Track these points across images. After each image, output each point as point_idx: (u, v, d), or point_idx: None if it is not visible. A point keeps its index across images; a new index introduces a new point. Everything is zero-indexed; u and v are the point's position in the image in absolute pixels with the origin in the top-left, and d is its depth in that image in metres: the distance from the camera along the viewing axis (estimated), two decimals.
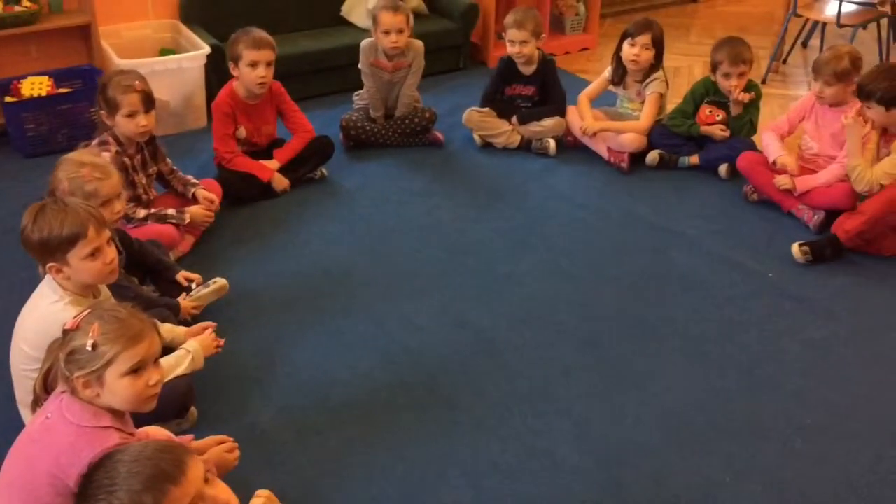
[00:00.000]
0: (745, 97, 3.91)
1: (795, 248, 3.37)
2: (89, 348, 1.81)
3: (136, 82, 3.15)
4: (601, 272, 3.33)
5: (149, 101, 3.17)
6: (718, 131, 4.00)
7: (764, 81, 5.11)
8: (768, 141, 3.79)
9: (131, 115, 3.12)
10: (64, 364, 1.84)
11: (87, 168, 2.58)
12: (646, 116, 4.13)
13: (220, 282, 3.00)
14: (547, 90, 4.28)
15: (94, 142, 3.17)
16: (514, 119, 4.26)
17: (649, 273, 3.32)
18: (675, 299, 3.16)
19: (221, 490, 1.53)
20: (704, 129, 4.03)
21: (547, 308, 3.11)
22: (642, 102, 4.16)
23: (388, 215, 3.70)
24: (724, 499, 2.28)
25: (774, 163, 3.70)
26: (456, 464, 2.40)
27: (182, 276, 2.98)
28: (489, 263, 3.38)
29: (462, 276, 3.30)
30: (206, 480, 1.51)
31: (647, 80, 4.12)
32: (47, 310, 2.25)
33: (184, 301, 2.86)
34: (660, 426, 2.55)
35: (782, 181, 3.63)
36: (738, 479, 2.35)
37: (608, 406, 2.63)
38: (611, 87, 4.30)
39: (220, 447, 2.10)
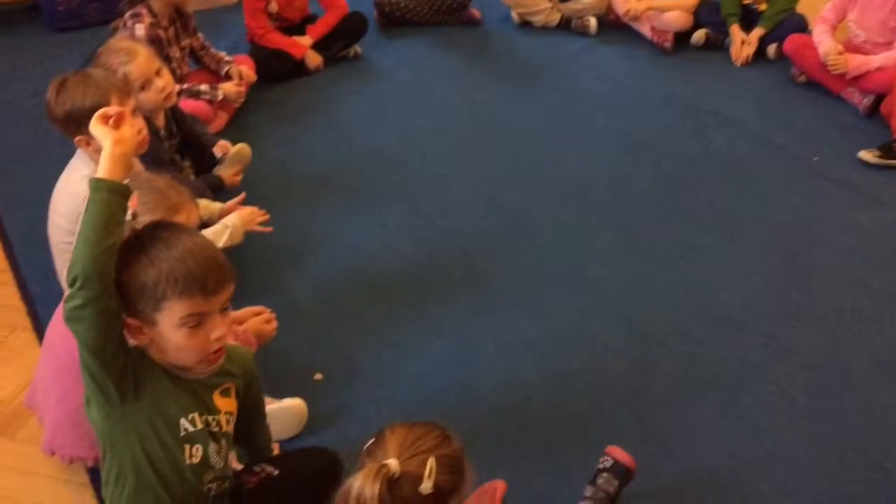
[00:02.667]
0: None
1: (864, 153, 3.23)
2: (129, 218, 1.81)
3: None
4: (640, 154, 3.26)
5: None
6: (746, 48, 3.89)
7: None
8: (819, 37, 3.61)
9: None
10: None
11: (112, 55, 2.53)
12: None
13: (238, 145, 2.95)
14: None
15: (127, 15, 3.10)
16: None
17: (689, 155, 3.24)
18: (715, 182, 3.09)
19: (226, 323, 1.50)
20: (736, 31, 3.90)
21: (583, 190, 3.06)
22: None
23: (422, 95, 3.63)
24: (760, 380, 2.28)
25: (826, 57, 3.53)
26: (491, 341, 2.41)
27: (219, 146, 2.95)
28: (525, 145, 3.32)
29: (497, 156, 3.25)
30: (224, 310, 1.50)
31: None
32: (79, 184, 2.25)
33: (223, 173, 2.85)
34: (695, 307, 2.53)
35: (833, 60, 3.48)
36: (775, 361, 2.34)
37: (644, 286, 2.62)
38: None
39: (258, 318, 2.12)
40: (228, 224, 2.44)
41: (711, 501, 1.95)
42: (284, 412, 2.07)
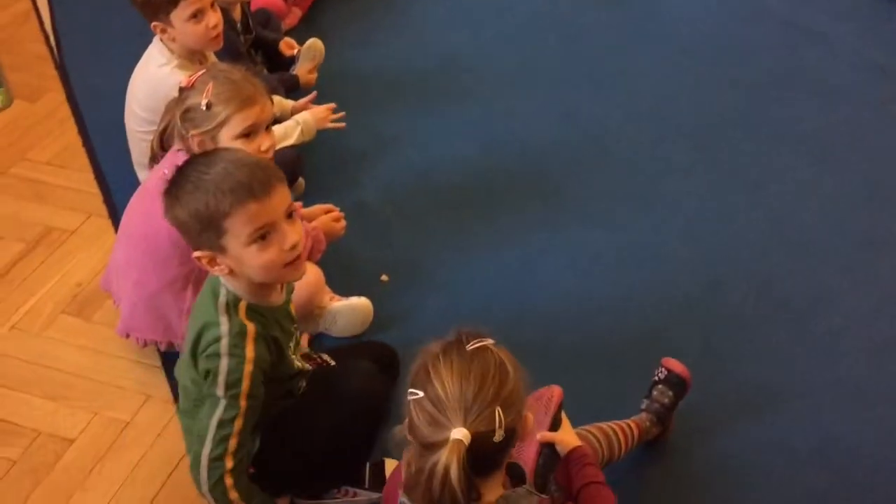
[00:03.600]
0: None
1: None
2: (204, 107, 1.81)
3: None
4: (723, 70, 3.12)
5: None
6: None
7: None
8: None
9: None
10: (180, 122, 1.84)
11: None
12: None
13: (309, 40, 2.90)
14: None
15: None
16: None
17: (776, 72, 3.10)
18: (802, 101, 2.96)
19: (295, 229, 1.51)
20: None
21: (662, 105, 2.96)
22: None
23: (499, 0, 3.52)
24: (837, 307, 2.21)
25: None
26: (559, 252, 2.38)
27: (285, 43, 2.92)
28: (604, 56, 3.21)
29: (575, 66, 3.15)
30: (290, 216, 1.50)
31: None
32: (156, 72, 2.26)
33: (300, 72, 2.82)
34: (774, 229, 2.46)
35: None
36: (854, 289, 2.26)
37: (720, 205, 2.54)
38: None
39: (328, 216, 2.13)
40: (300, 121, 2.42)
41: (772, 422, 1.92)
42: (351, 310, 2.09)
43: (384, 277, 2.28)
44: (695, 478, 1.82)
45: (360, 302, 2.12)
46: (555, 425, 1.58)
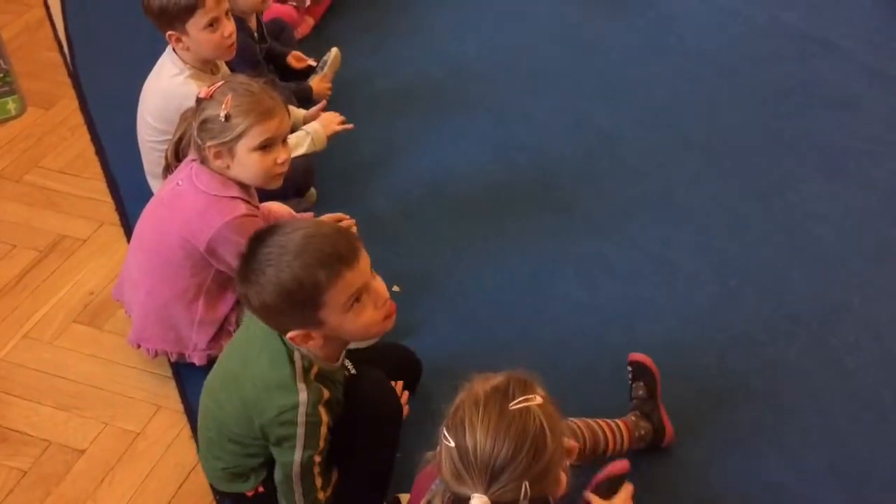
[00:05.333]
0: None
1: None
2: (222, 119, 1.81)
3: None
4: (738, 80, 3.11)
5: None
6: None
7: None
8: None
9: None
10: (197, 132, 1.84)
11: None
12: None
13: (332, 51, 2.91)
14: None
15: None
16: None
17: (791, 84, 3.08)
18: (817, 113, 2.94)
19: (380, 283, 1.51)
20: None
21: (675, 114, 2.95)
22: None
23: (512, 8, 3.51)
24: (848, 322, 2.19)
25: None
26: (570, 263, 2.38)
27: (292, 57, 2.93)
28: (617, 64, 3.20)
29: (587, 75, 3.15)
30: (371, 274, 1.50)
31: None
32: (169, 82, 2.26)
33: (314, 83, 2.83)
34: (786, 242, 2.44)
35: None
36: (866, 303, 2.24)
37: (732, 217, 2.53)
38: None
39: (339, 224, 2.12)
40: (310, 131, 2.42)
41: (792, 438, 1.91)
42: None
43: (396, 288, 2.27)
44: (707, 495, 1.80)
45: None
46: (607, 491, 1.53)
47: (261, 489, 1.63)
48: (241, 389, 1.53)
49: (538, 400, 1.20)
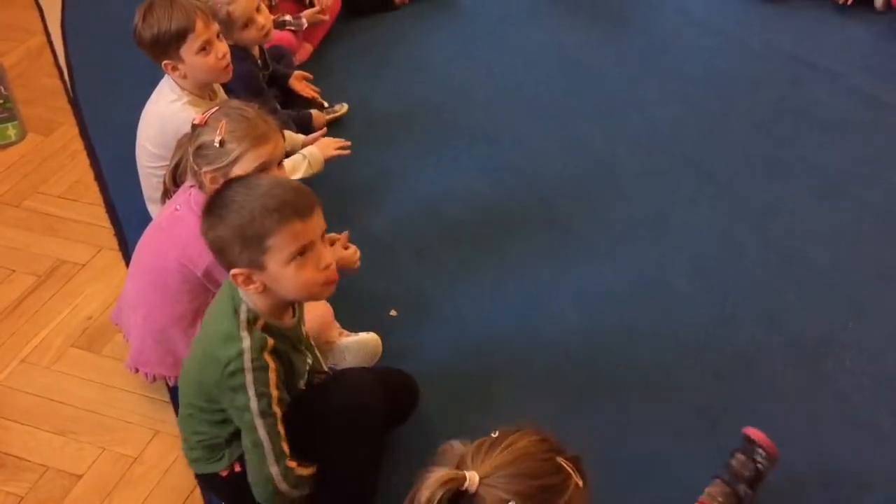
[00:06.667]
0: None
1: None
2: (217, 145, 1.83)
3: None
4: (731, 104, 3.14)
5: None
6: None
7: None
8: None
9: None
10: (193, 158, 1.87)
11: None
12: None
13: (344, 106, 3.04)
14: None
15: None
16: None
17: (784, 108, 3.11)
18: (810, 137, 2.96)
19: (328, 251, 1.57)
20: None
21: (670, 137, 2.98)
22: None
23: (508, 34, 3.56)
24: (844, 343, 2.20)
25: None
26: (566, 287, 2.39)
27: (294, 78, 2.96)
28: (611, 88, 3.24)
29: (583, 99, 3.18)
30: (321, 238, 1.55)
31: None
32: (167, 108, 2.29)
33: (315, 113, 2.87)
34: (781, 264, 2.45)
35: None
36: (862, 325, 2.25)
37: (727, 240, 2.54)
38: None
39: (338, 244, 2.12)
40: (307, 154, 2.45)
41: (787, 460, 1.91)
42: (360, 346, 2.10)
43: (393, 312, 2.29)
44: None
45: (369, 337, 2.12)
46: None
47: (237, 468, 1.64)
48: (196, 354, 1.62)
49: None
